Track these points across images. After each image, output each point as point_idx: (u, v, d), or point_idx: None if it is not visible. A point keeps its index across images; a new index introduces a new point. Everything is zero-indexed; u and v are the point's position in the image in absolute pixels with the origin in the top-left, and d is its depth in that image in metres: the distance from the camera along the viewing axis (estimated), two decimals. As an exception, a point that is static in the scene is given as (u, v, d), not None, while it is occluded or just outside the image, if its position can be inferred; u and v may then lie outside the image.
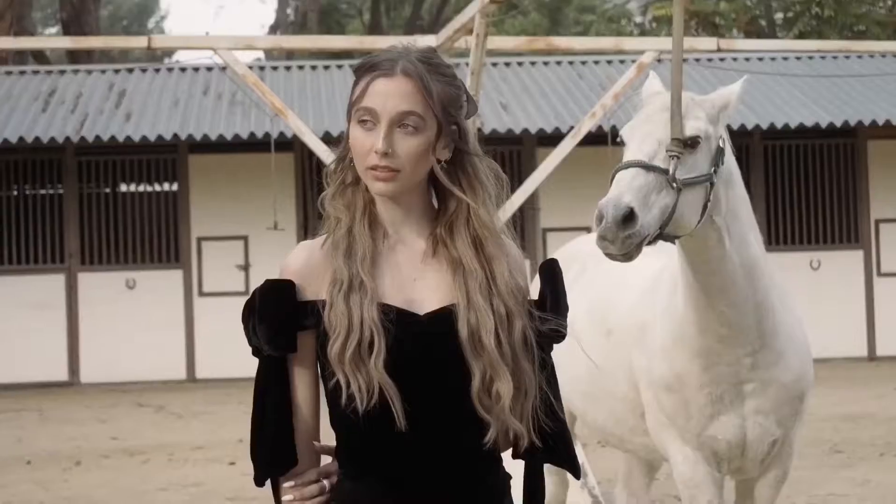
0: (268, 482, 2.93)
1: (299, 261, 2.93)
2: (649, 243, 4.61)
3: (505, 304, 2.84)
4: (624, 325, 5.51)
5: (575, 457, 3.07)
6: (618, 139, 4.95)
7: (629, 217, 4.46)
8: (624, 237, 4.45)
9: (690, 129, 4.73)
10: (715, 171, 4.82)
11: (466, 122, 2.95)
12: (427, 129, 2.84)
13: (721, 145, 4.89)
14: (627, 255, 4.52)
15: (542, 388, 2.90)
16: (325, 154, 10.10)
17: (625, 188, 4.53)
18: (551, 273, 3.00)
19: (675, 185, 4.60)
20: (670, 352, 5.16)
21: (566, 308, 2.99)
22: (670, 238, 4.73)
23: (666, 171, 4.60)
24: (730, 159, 5.01)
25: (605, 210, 4.45)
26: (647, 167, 4.62)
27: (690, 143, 4.71)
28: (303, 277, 2.90)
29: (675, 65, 4.88)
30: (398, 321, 2.81)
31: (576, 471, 3.14)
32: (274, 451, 2.90)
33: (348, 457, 2.91)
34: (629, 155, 4.73)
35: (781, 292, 5.30)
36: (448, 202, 2.93)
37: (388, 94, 2.83)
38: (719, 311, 4.97)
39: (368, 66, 2.89)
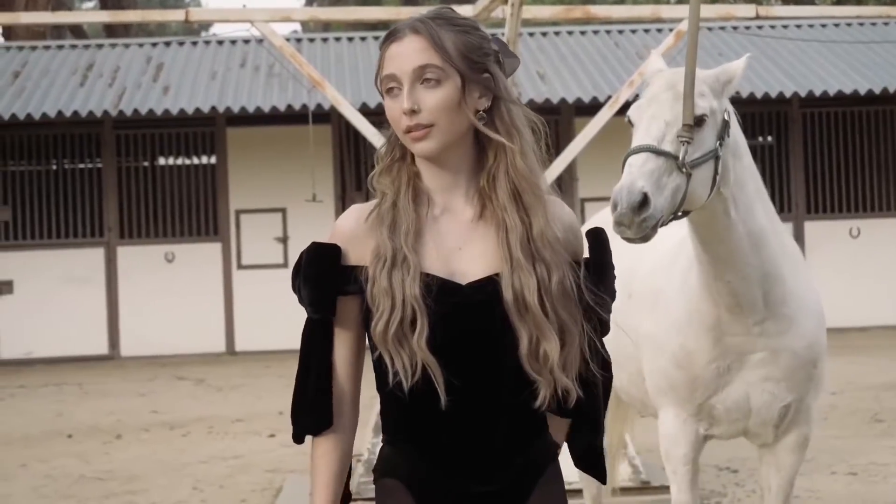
0: (308, 439, 3.00)
1: (348, 224, 2.95)
2: (663, 224, 4.65)
3: (543, 259, 2.82)
4: (641, 290, 5.56)
5: (598, 422, 3.07)
6: (626, 120, 4.96)
7: (643, 202, 4.49)
8: (639, 221, 4.49)
9: (697, 108, 4.74)
10: (720, 145, 4.84)
11: (499, 69, 2.93)
12: (449, 78, 2.84)
13: (726, 118, 4.91)
14: (644, 238, 4.57)
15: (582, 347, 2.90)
16: (363, 125, 10.08)
17: (637, 173, 4.56)
18: (595, 241, 3.00)
19: (684, 169, 4.64)
20: (684, 328, 5.20)
21: (612, 278, 2.99)
22: (683, 215, 4.78)
23: (676, 157, 4.64)
24: (736, 131, 5.03)
25: (620, 196, 4.50)
26: (657, 152, 4.65)
27: (697, 122, 4.73)
28: (348, 241, 2.93)
29: (690, 48, 4.86)
30: (441, 293, 2.82)
31: (594, 433, 3.09)
32: (312, 411, 2.96)
33: (391, 425, 2.97)
34: (638, 139, 4.75)
35: (793, 260, 5.30)
36: (488, 153, 2.91)
37: (402, 55, 2.85)
38: (726, 280, 5.01)
39: (383, 39, 2.92)
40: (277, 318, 17.84)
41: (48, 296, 17.98)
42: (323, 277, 2.93)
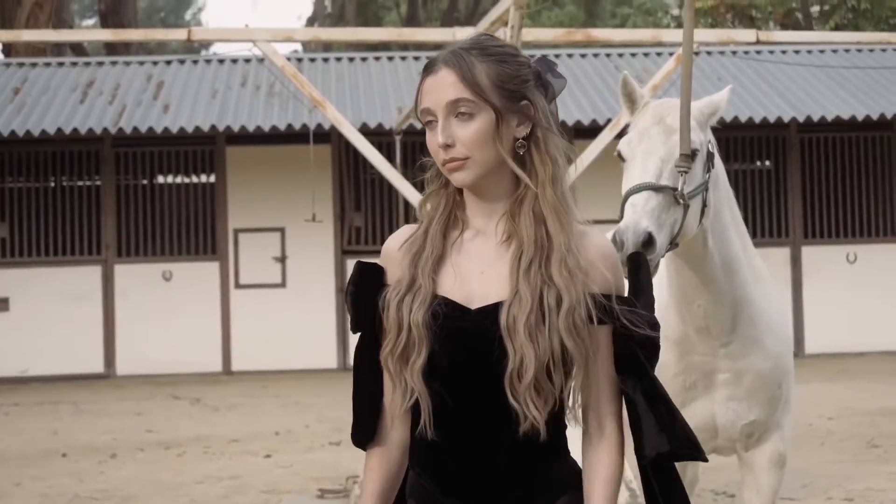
0: None
1: (390, 246, 3.03)
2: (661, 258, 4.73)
3: (556, 286, 2.80)
4: None
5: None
6: (615, 153, 4.99)
7: (648, 241, 4.55)
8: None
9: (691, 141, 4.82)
10: (707, 176, 4.92)
11: (542, 98, 2.94)
12: (482, 111, 2.85)
13: (711, 149, 4.96)
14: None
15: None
16: (364, 146, 10.09)
17: (640, 212, 4.62)
18: (631, 266, 3.07)
19: (682, 201, 4.71)
20: None
21: (646, 304, 2.97)
22: (673, 247, 4.85)
23: (675, 189, 4.70)
24: (718, 162, 5.12)
25: (625, 236, 4.54)
26: (657, 188, 4.70)
27: (692, 156, 4.79)
28: (388, 262, 3.00)
29: (685, 80, 4.90)
30: (448, 317, 2.84)
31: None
32: (358, 426, 3.05)
33: (411, 448, 3.01)
34: (636, 176, 4.80)
35: (762, 282, 5.39)
36: (521, 180, 2.93)
37: (436, 89, 2.89)
38: (697, 304, 5.10)
39: (422, 70, 2.96)
40: (275, 338, 17.85)
41: (44, 313, 17.95)
42: (360, 296, 3.01)
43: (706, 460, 3.13)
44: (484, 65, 2.87)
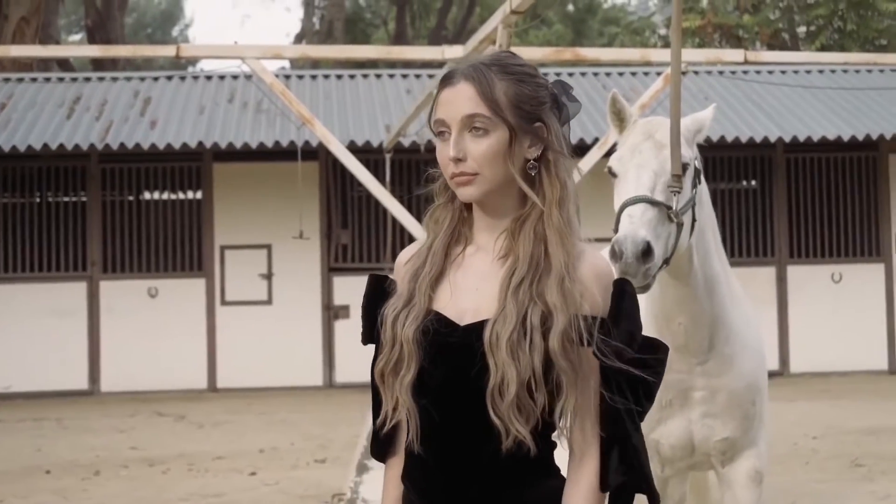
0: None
1: (399, 259, 3.06)
2: (657, 273, 4.76)
3: (547, 306, 2.79)
4: None
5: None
6: (605, 169, 5.00)
7: (647, 251, 4.58)
8: (644, 270, 4.60)
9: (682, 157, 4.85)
10: (695, 193, 4.97)
11: (556, 120, 2.93)
12: (496, 129, 2.85)
13: (697, 166, 5.00)
14: (646, 287, 4.70)
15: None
16: (352, 163, 10.11)
17: (638, 223, 4.65)
18: (615, 291, 2.91)
19: (675, 219, 4.76)
20: None
21: (625, 333, 2.86)
22: (666, 264, 4.87)
23: (670, 207, 4.74)
24: (702, 179, 5.18)
25: (624, 245, 4.55)
26: (653, 202, 4.74)
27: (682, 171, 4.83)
28: (397, 275, 3.02)
29: (674, 100, 4.92)
30: (438, 333, 2.85)
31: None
32: (374, 440, 3.07)
33: (404, 467, 3.01)
34: (630, 189, 4.82)
35: (739, 302, 5.44)
36: (528, 200, 2.92)
37: (453, 102, 2.87)
38: (678, 321, 5.14)
39: (440, 80, 2.94)
40: (260, 356, 17.82)
41: (29, 329, 17.90)
42: (368, 309, 3.04)
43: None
44: (503, 83, 2.87)
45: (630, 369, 2.82)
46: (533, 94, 2.90)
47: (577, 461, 2.90)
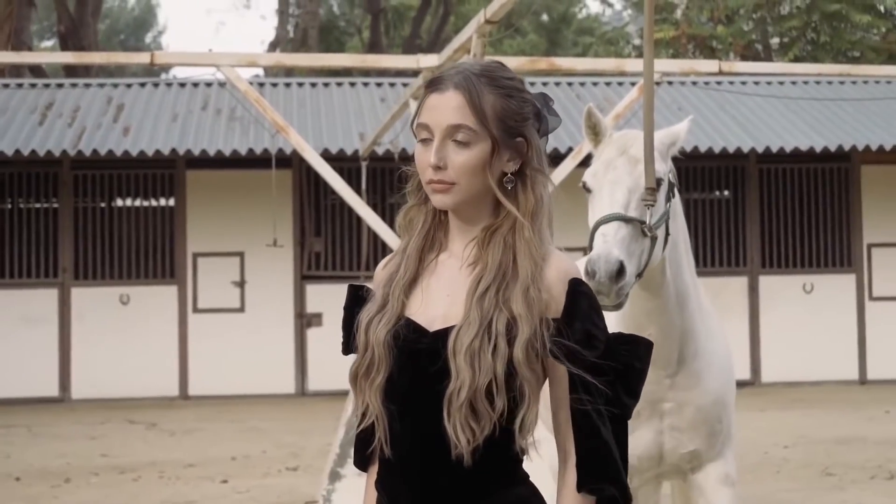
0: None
1: (379, 266, 3.07)
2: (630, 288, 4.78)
3: (513, 315, 2.79)
4: None
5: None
6: (580, 184, 5.01)
7: (620, 270, 4.60)
8: (617, 290, 4.63)
9: (655, 172, 4.86)
10: (669, 206, 4.99)
11: (537, 136, 2.94)
12: (479, 141, 2.85)
13: (671, 179, 5.01)
14: (619, 305, 4.73)
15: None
16: (326, 171, 10.10)
17: (612, 242, 4.67)
18: (569, 292, 2.88)
19: (649, 233, 4.77)
20: None
21: (580, 332, 2.83)
22: (639, 277, 4.89)
23: (643, 222, 4.73)
24: (676, 192, 5.19)
25: (597, 266, 4.57)
26: (626, 219, 4.75)
27: (657, 185, 4.84)
28: (375, 282, 3.03)
29: (647, 114, 4.93)
30: (407, 339, 2.86)
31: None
32: (355, 449, 3.09)
33: (377, 472, 3.02)
34: (604, 207, 4.84)
35: (707, 317, 5.47)
36: (500, 210, 2.92)
37: (439, 109, 2.86)
38: (649, 332, 5.10)
39: (428, 84, 2.93)
40: (233, 363, 17.77)
41: None
42: (347, 318, 3.05)
43: None
44: (492, 96, 2.86)
45: (581, 372, 2.80)
46: (518, 109, 2.90)
47: (563, 462, 2.92)
